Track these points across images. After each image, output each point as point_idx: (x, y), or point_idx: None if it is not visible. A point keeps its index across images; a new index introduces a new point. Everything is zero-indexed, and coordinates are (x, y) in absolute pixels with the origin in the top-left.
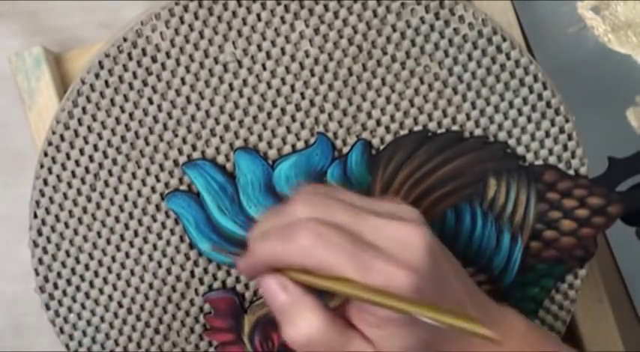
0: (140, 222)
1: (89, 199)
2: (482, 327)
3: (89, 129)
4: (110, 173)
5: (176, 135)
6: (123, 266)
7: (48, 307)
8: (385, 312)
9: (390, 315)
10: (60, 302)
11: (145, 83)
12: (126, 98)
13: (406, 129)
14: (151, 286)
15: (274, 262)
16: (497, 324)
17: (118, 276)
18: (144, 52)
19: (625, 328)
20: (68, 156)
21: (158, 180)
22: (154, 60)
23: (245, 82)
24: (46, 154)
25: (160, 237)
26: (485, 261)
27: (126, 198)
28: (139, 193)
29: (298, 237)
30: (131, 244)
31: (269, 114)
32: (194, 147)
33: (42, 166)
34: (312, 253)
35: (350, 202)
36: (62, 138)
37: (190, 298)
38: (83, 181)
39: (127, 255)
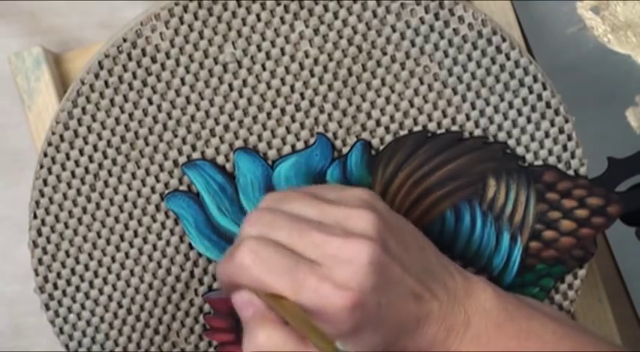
0: (140, 223)
1: (89, 199)
2: None
3: (89, 129)
4: (110, 173)
5: (176, 136)
6: (122, 266)
7: (48, 307)
8: (324, 329)
9: (330, 331)
10: (59, 303)
11: (144, 83)
12: (125, 98)
13: (406, 129)
14: (150, 286)
15: (226, 281)
16: (461, 305)
17: (118, 276)
18: (143, 53)
19: (625, 328)
20: (68, 157)
21: (158, 181)
22: (153, 60)
23: (245, 83)
24: (45, 154)
25: (159, 237)
26: (484, 261)
27: (125, 198)
28: (139, 193)
29: (237, 257)
30: (131, 244)
31: (269, 115)
32: (194, 148)
33: (41, 166)
34: (249, 272)
35: (299, 214)
36: (62, 138)
37: (190, 298)
38: (83, 181)
39: (127, 255)
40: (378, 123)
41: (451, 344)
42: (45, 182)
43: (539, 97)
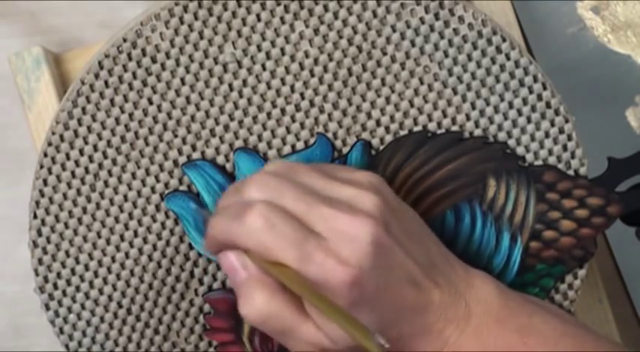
0: (140, 223)
1: (89, 199)
2: (371, 346)
3: (89, 129)
4: (110, 173)
5: (176, 136)
6: (122, 266)
7: (48, 307)
8: None
9: None
10: (60, 303)
11: (144, 83)
12: (125, 98)
13: (406, 129)
14: (150, 286)
15: (224, 241)
16: (462, 297)
17: (118, 276)
18: (143, 53)
19: (625, 328)
20: (68, 157)
21: (158, 181)
22: (153, 60)
23: (245, 83)
24: (45, 154)
25: (159, 237)
26: (484, 261)
27: (125, 198)
28: (139, 193)
29: (247, 219)
30: (131, 244)
31: (269, 115)
32: (194, 148)
33: (42, 166)
34: (258, 237)
35: (308, 185)
36: (62, 138)
37: (190, 298)
38: (83, 181)
39: (127, 255)
40: (378, 123)
41: (450, 335)
42: (45, 182)
43: (539, 97)
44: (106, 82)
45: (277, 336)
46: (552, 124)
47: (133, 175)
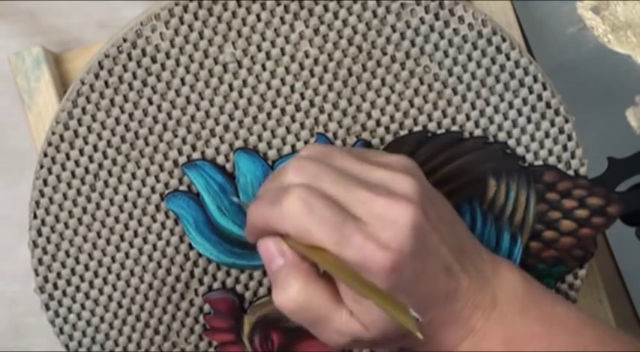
0: (140, 223)
1: (89, 199)
2: (413, 326)
3: (89, 129)
4: (110, 173)
5: (176, 136)
6: (122, 266)
7: (48, 307)
8: None
9: None
10: (60, 303)
11: (144, 83)
12: (125, 98)
13: (406, 129)
14: (150, 286)
15: (263, 226)
16: (489, 284)
17: (118, 276)
18: (143, 53)
19: (625, 328)
20: (68, 157)
21: (158, 181)
22: (153, 60)
23: (245, 83)
24: (45, 154)
25: (159, 237)
26: None
27: (125, 198)
28: (139, 193)
29: (285, 203)
30: (131, 244)
31: (269, 115)
32: (194, 148)
33: (42, 166)
34: (296, 220)
35: (345, 169)
36: (62, 138)
37: (190, 298)
38: (83, 181)
39: (127, 256)
40: (378, 123)
41: (476, 321)
42: (45, 182)
43: (539, 97)
44: (106, 82)
45: (310, 326)
46: (552, 124)
47: (133, 175)
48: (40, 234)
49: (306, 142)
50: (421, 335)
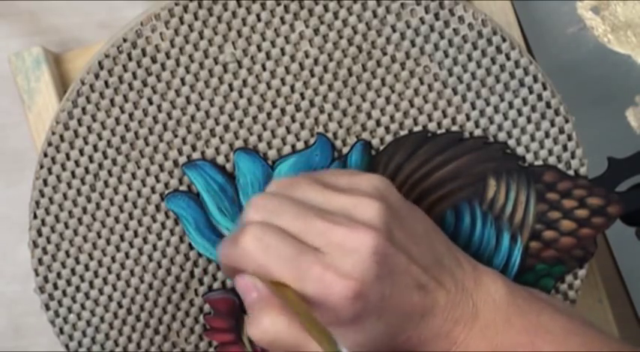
0: (140, 223)
1: (89, 199)
2: None
3: (89, 129)
4: (110, 173)
5: (176, 136)
6: (122, 266)
7: (48, 307)
8: (326, 317)
9: (331, 319)
10: (60, 303)
11: (144, 83)
12: (125, 98)
13: (406, 129)
14: (150, 286)
15: (228, 264)
16: (469, 296)
17: (118, 277)
18: (143, 53)
19: (625, 328)
20: (68, 157)
21: (158, 181)
22: (153, 60)
23: (245, 83)
24: (45, 155)
25: (159, 237)
26: (484, 261)
27: (125, 198)
28: (139, 193)
29: (242, 242)
30: (131, 244)
31: (269, 115)
32: (194, 148)
33: (42, 166)
34: (253, 258)
35: (307, 200)
36: (62, 138)
37: (190, 298)
38: (83, 181)
39: (127, 256)
40: (378, 123)
41: (457, 335)
42: (45, 182)
43: (540, 97)
44: (106, 82)
45: None
46: (552, 124)
47: (133, 175)
48: (40, 234)
49: (306, 142)
50: None
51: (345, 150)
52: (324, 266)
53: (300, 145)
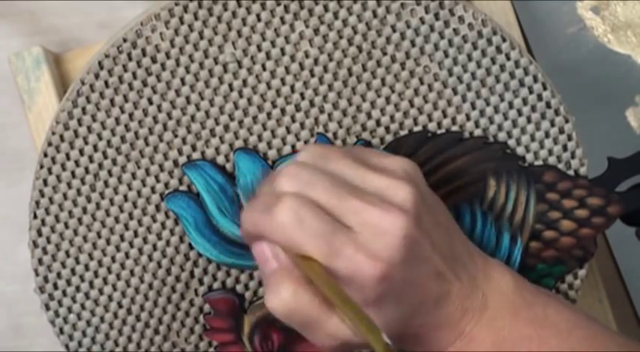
0: (140, 223)
1: (89, 199)
2: (380, 345)
3: (89, 129)
4: (110, 173)
5: (176, 136)
6: (122, 266)
7: (48, 307)
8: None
9: (355, 298)
10: (60, 303)
11: (144, 83)
12: (125, 98)
13: (406, 129)
14: (150, 286)
15: (256, 232)
16: (479, 288)
17: (118, 277)
18: (143, 53)
19: (625, 328)
20: (68, 157)
21: (158, 181)
22: (153, 60)
23: (245, 83)
24: (45, 155)
25: (159, 237)
26: None
27: (125, 198)
28: (139, 193)
29: (277, 213)
30: (131, 244)
31: (269, 115)
32: (194, 148)
33: (42, 166)
34: (286, 232)
35: (340, 175)
36: (62, 138)
37: (190, 298)
38: (83, 181)
39: (127, 256)
40: (378, 123)
41: (465, 325)
42: (45, 182)
43: (540, 97)
44: (106, 82)
45: (301, 329)
46: (552, 124)
47: (133, 175)
48: (40, 234)
49: (306, 142)
50: None
51: None
52: (356, 246)
53: (300, 145)
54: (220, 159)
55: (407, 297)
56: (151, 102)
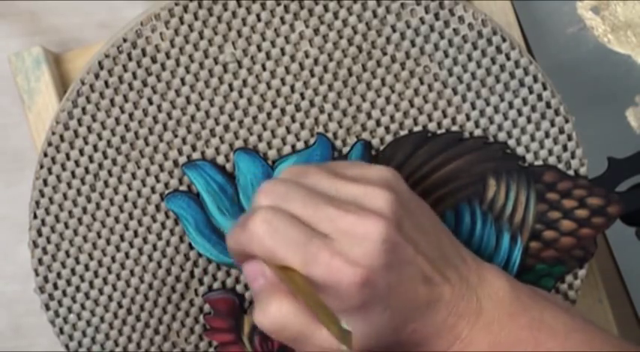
0: (140, 223)
1: (89, 199)
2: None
3: (89, 129)
4: (110, 173)
5: (176, 136)
6: (122, 266)
7: (48, 307)
8: (332, 304)
9: (337, 306)
10: (60, 303)
11: (144, 83)
12: (125, 98)
13: (406, 129)
14: (150, 286)
15: (238, 249)
16: (473, 292)
17: (118, 277)
18: (143, 53)
19: (625, 328)
20: (68, 157)
21: (158, 181)
22: (153, 60)
23: (245, 83)
24: (45, 154)
25: (159, 237)
26: (484, 261)
27: (125, 198)
28: (139, 193)
29: (252, 226)
30: (131, 244)
31: (269, 115)
32: (194, 148)
33: (42, 166)
34: (261, 242)
35: (316, 187)
36: (62, 138)
37: (190, 298)
38: (83, 181)
39: (127, 256)
40: (378, 123)
41: (461, 330)
42: (45, 182)
43: (540, 97)
44: (106, 82)
45: (290, 343)
46: (552, 124)
47: (133, 175)
48: (40, 234)
49: (306, 142)
50: None
51: (345, 150)
52: (332, 251)
53: (300, 145)
54: (220, 159)
55: (394, 302)
56: (151, 102)
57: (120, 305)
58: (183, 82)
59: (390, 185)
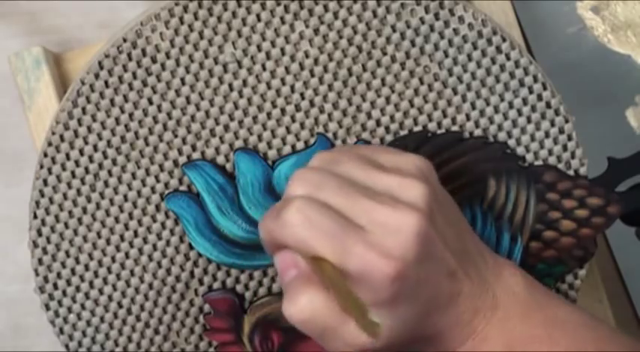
0: (140, 223)
1: (89, 199)
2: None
3: (89, 129)
4: (110, 173)
5: (176, 136)
6: (122, 266)
7: (48, 307)
8: (363, 296)
9: (369, 298)
10: (60, 303)
11: (144, 83)
12: (125, 98)
13: (406, 129)
14: (150, 286)
15: (271, 240)
16: (490, 288)
17: (118, 277)
18: (143, 53)
19: (625, 328)
20: (68, 157)
21: (158, 181)
22: (153, 60)
23: (245, 83)
24: (45, 155)
25: (159, 237)
26: None
27: (125, 198)
28: (139, 193)
29: (286, 216)
30: (131, 244)
31: (269, 115)
32: (194, 148)
33: (42, 167)
34: (295, 232)
35: (350, 176)
36: (62, 138)
37: (190, 298)
38: (83, 181)
39: (127, 256)
40: (378, 123)
41: (477, 325)
42: (45, 182)
43: (539, 97)
44: (106, 82)
45: (317, 336)
46: (552, 124)
47: (133, 175)
48: (40, 234)
49: (306, 142)
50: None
51: None
52: (367, 244)
53: (300, 145)
54: (220, 159)
55: (420, 296)
56: (151, 102)
57: (120, 305)
58: (183, 82)
59: (424, 176)
